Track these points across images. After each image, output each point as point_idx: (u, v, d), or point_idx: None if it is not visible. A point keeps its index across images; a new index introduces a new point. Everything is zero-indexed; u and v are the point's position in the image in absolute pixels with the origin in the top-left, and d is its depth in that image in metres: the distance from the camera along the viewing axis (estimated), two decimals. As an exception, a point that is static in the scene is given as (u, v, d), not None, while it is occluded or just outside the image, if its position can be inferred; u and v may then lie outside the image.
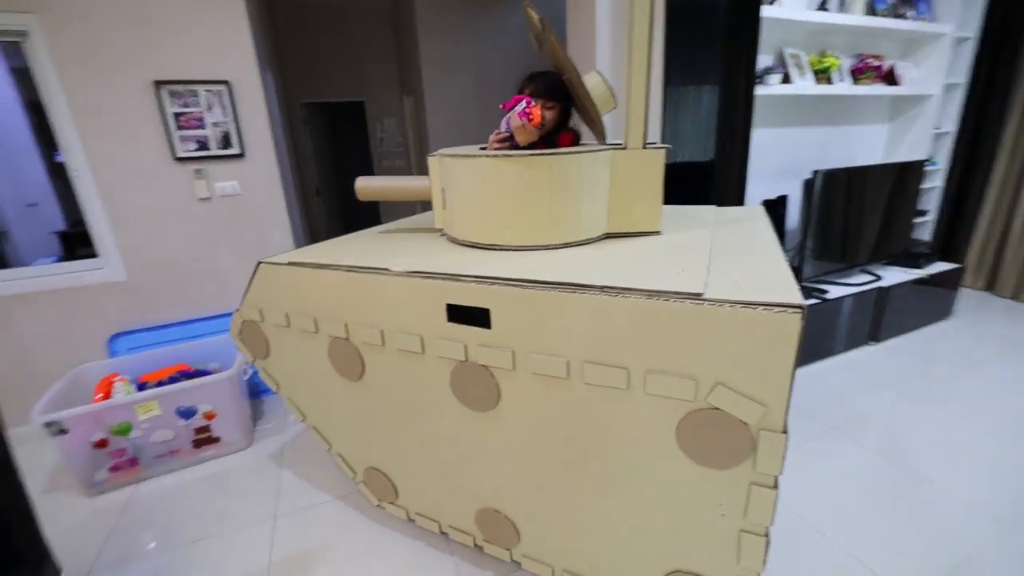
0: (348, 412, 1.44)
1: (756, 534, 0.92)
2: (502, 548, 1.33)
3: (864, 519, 1.51)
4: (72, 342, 2.17)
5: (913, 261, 2.82)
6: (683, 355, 0.87)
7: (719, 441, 0.88)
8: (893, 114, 3.03)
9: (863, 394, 2.20)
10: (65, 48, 1.90)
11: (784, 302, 0.79)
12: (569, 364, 0.98)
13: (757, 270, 0.98)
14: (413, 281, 1.12)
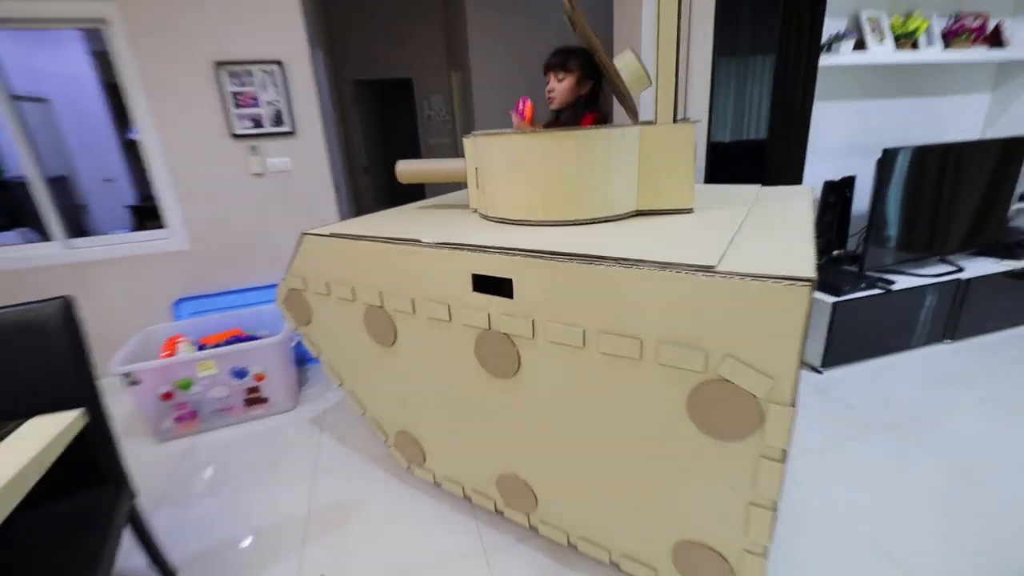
0: (381, 377, 1.51)
1: (764, 507, 0.90)
2: (521, 513, 1.36)
3: (904, 517, 1.40)
4: (142, 305, 2.39)
5: (1008, 252, 2.51)
6: (695, 326, 0.85)
7: (728, 413, 0.86)
8: (998, 82, 2.67)
9: (925, 394, 2.02)
10: (139, 32, 2.05)
11: (793, 275, 0.75)
12: (585, 333, 0.97)
13: (777, 246, 0.93)
14: (442, 252, 1.14)
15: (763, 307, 0.78)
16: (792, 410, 0.81)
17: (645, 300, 0.88)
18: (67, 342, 1.16)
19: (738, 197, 1.43)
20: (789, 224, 1.10)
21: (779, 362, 0.80)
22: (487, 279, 1.08)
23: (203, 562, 1.45)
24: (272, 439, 2.02)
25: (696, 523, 1.02)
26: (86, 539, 1.03)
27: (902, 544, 1.33)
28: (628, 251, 0.92)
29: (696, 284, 0.82)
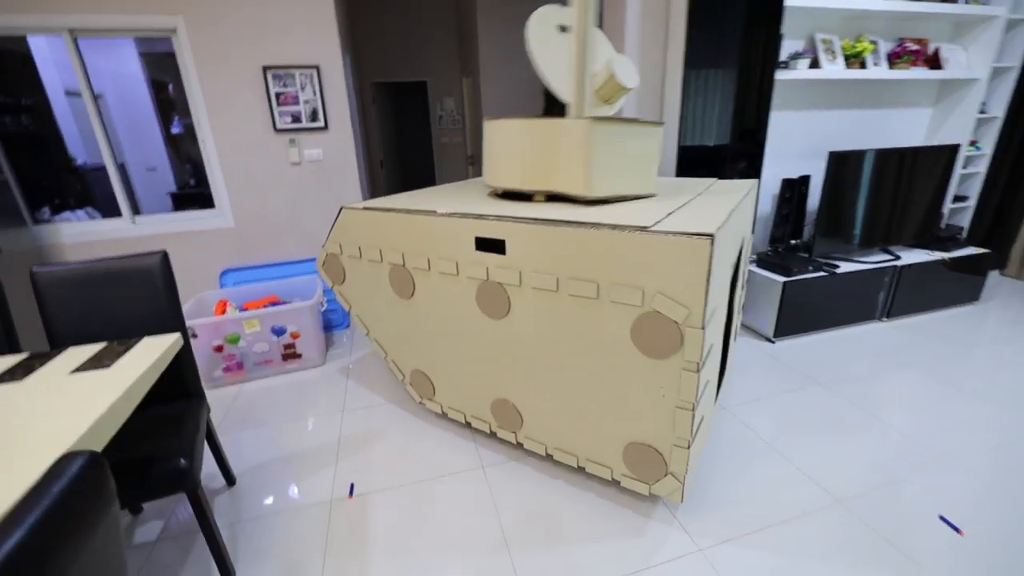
0: (401, 325, 1.88)
1: (685, 409, 1.25)
2: (510, 432, 1.73)
3: (821, 446, 1.76)
4: (194, 274, 2.78)
5: (941, 244, 2.87)
6: (635, 271, 1.21)
7: (659, 336, 1.22)
8: (939, 97, 3.03)
9: (856, 360, 2.37)
10: (201, 41, 2.43)
11: (699, 231, 1.10)
12: (558, 280, 1.34)
13: (699, 216, 1.29)
14: (452, 220, 1.51)
15: (680, 255, 1.14)
16: (702, 332, 1.16)
17: (601, 253, 1.25)
18: (164, 284, 1.54)
19: (694, 187, 1.80)
20: (718, 204, 1.47)
21: (692, 296, 1.15)
22: (486, 240, 1.45)
23: (257, 472, 1.82)
24: (306, 387, 2.39)
25: (639, 427, 1.38)
26: (181, 434, 1.39)
27: (819, 468, 1.68)
28: (590, 217, 1.29)
29: (635, 239, 1.19)
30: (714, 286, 1.19)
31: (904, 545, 1.37)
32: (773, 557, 1.35)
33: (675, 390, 1.25)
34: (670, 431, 1.31)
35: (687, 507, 1.53)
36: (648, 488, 1.43)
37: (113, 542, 0.53)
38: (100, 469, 0.51)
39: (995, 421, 1.88)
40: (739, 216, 1.62)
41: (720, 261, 1.26)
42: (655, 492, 1.42)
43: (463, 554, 1.41)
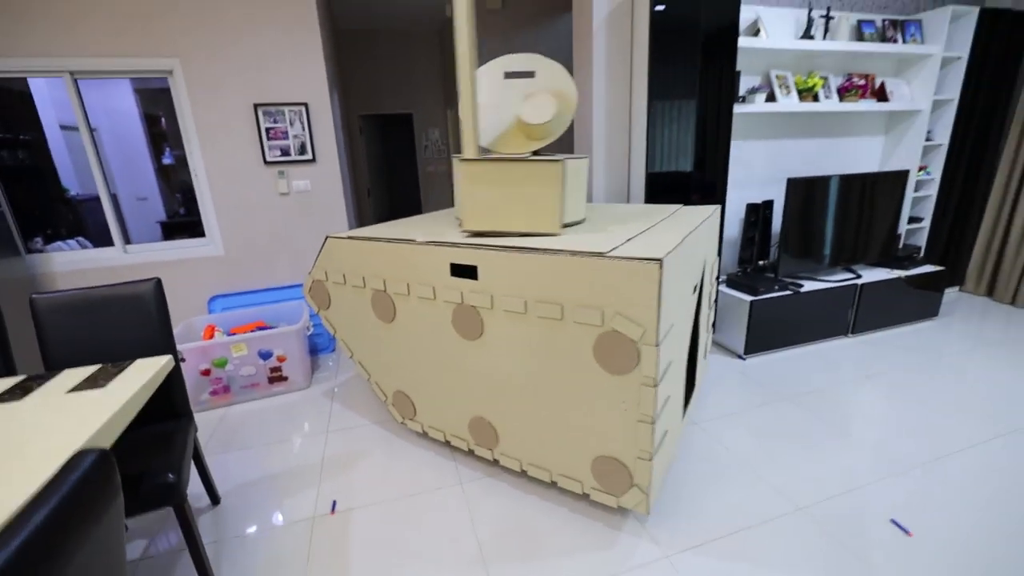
0: (383, 348, 1.97)
1: (646, 422, 1.35)
2: (486, 449, 1.80)
3: (786, 458, 1.86)
4: (183, 300, 2.85)
5: (899, 263, 3.04)
6: (594, 294, 1.32)
7: (619, 354, 1.32)
8: (889, 127, 3.27)
9: (822, 374, 2.50)
10: (196, 80, 2.58)
11: (649, 256, 1.22)
12: (526, 303, 1.45)
13: (656, 240, 1.41)
14: (429, 248, 1.62)
15: (633, 278, 1.25)
16: (656, 349, 1.27)
17: (564, 277, 1.36)
18: (157, 309, 1.62)
19: (660, 212, 1.94)
20: (676, 229, 1.60)
21: (646, 315, 1.26)
22: (460, 266, 1.56)
23: (241, 491, 1.86)
24: (291, 409, 2.45)
25: (605, 441, 1.46)
26: (170, 451, 1.46)
27: (784, 479, 1.78)
28: (553, 244, 1.41)
29: (593, 264, 1.30)
30: (669, 306, 1.31)
31: (857, 548, 1.46)
32: (734, 563, 1.43)
33: (636, 404, 1.35)
34: (634, 444, 1.40)
35: (657, 518, 1.61)
36: (616, 501, 1.51)
37: (116, 530, 0.61)
38: (109, 463, 0.59)
39: (949, 430, 2.00)
40: (700, 240, 1.76)
41: (676, 282, 1.38)
42: (622, 504, 1.50)
43: (440, 568, 1.46)
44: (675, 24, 2.36)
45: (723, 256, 3.07)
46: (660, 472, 1.53)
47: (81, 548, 0.55)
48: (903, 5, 3.10)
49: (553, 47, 4.64)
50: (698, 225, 1.72)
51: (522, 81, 1.76)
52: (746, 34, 2.70)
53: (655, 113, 2.48)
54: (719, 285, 2.85)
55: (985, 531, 1.49)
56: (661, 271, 1.20)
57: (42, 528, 0.50)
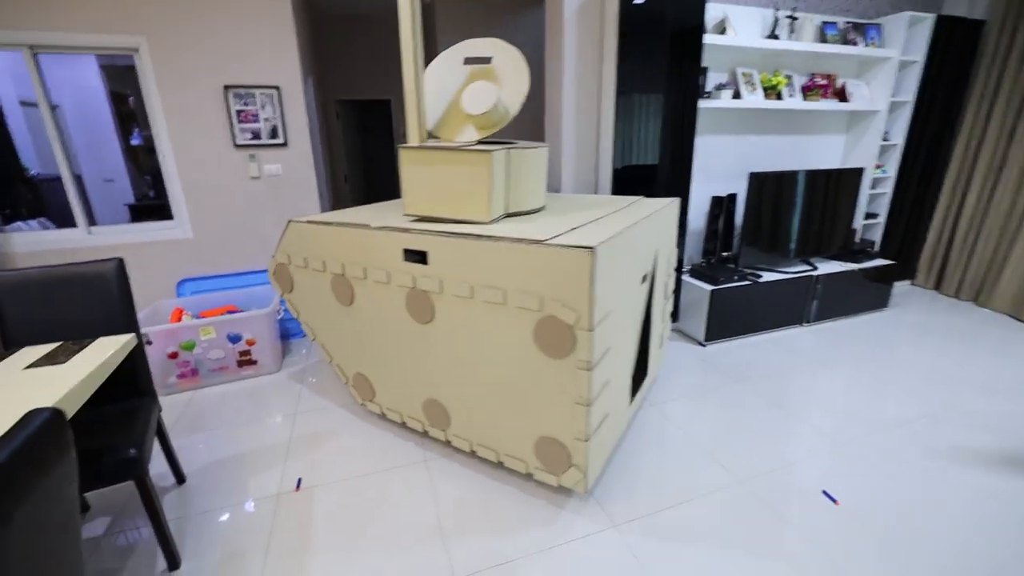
0: (343, 330, 2.01)
1: (582, 405, 1.41)
2: (439, 430, 1.86)
3: (734, 436, 1.97)
4: (150, 284, 2.82)
5: (854, 257, 3.19)
6: (533, 280, 1.37)
7: (556, 338, 1.38)
8: (850, 126, 3.40)
9: (776, 360, 2.63)
10: (164, 60, 2.54)
11: (583, 245, 1.27)
12: (472, 288, 1.50)
13: (595, 230, 1.46)
14: (383, 233, 1.66)
15: (567, 265, 1.30)
16: (590, 334, 1.31)
17: (505, 263, 1.41)
18: (119, 289, 1.63)
19: (616, 203, 2.00)
20: (623, 220, 1.66)
21: (580, 301, 1.31)
22: (412, 251, 1.61)
23: (207, 471, 1.89)
24: (260, 392, 2.47)
25: (546, 422, 1.52)
26: (132, 427, 1.48)
27: (730, 456, 1.89)
28: (497, 232, 1.46)
29: (532, 251, 1.35)
30: (606, 293, 1.37)
31: (789, 516, 1.57)
32: (676, 531, 1.53)
33: (573, 388, 1.41)
34: (572, 426, 1.46)
35: (607, 493, 1.70)
36: (557, 480, 1.58)
37: (68, 485, 0.65)
38: (60, 421, 0.63)
39: (887, 411, 2.14)
40: (651, 231, 1.83)
41: (616, 270, 1.44)
42: (562, 483, 1.57)
43: (398, 541, 1.53)
44: (643, 20, 2.42)
45: (688, 247, 3.17)
46: (602, 452, 1.61)
47: (28, 497, 0.59)
48: (864, 9, 3.21)
49: (533, 36, 4.66)
50: (647, 216, 1.77)
51: (469, 68, 1.80)
52: (713, 32, 2.77)
53: (623, 106, 2.54)
54: (682, 275, 2.95)
55: (905, 499, 1.62)
56: (593, 259, 1.25)
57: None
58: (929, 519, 1.55)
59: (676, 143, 2.67)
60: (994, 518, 1.55)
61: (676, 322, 3.02)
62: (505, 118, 1.71)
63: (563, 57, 2.61)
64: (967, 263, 3.44)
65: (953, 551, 1.43)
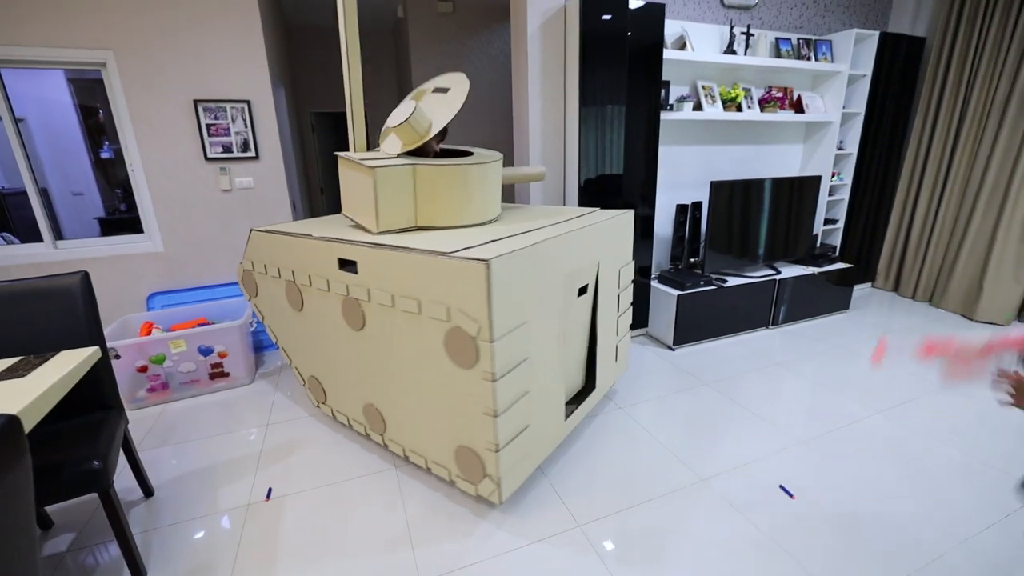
0: (297, 334, 2.06)
1: (489, 415, 1.42)
2: (378, 434, 1.90)
3: (697, 436, 2.05)
4: (119, 298, 2.79)
5: (815, 261, 3.33)
6: (441, 291, 1.40)
7: (462, 348, 1.40)
8: (807, 136, 3.56)
9: (742, 362, 2.72)
10: (131, 74, 2.54)
11: (480, 258, 1.29)
12: (393, 297, 1.53)
13: (507, 244, 1.46)
14: (321, 243, 1.71)
15: (467, 277, 1.32)
16: (492, 345, 1.32)
17: (419, 274, 1.43)
18: (84, 302, 1.63)
19: (567, 214, 2.03)
20: (550, 232, 1.66)
21: (480, 313, 1.32)
22: (345, 261, 1.66)
23: (177, 483, 1.88)
24: (232, 404, 2.46)
25: (462, 431, 1.53)
26: (97, 440, 1.47)
27: (692, 454, 1.96)
28: (413, 243, 1.48)
29: (437, 263, 1.37)
30: (514, 304, 1.39)
31: (747, 510, 1.64)
32: (639, 528, 1.58)
33: (480, 398, 1.42)
34: (483, 436, 1.47)
35: (570, 492, 1.75)
36: (475, 489, 1.59)
37: (23, 488, 0.68)
38: (16, 426, 0.66)
39: (840, 408, 2.24)
40: (592, 242, 1.84)
41: (527, 282, 1.46)
42: (480, 492, 1.58)
43: (366, 548, 1.55)
44: (605, 36, 2.52)
45: (656, 254, 3.27)
46: (525, 464, 1.62)
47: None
48: (816, 26, 3.39)
49: (503, 50, 4.77)
50: (582, 227, 1.75)
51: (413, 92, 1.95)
52: (673, 47, 2.90)
53: (587, 119, 2.64)
54: (651, 281, 3.04)
55: (856, 491, 1.71)
56: (488, 271, 1.27)
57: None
58: (887, 513, 1.63)
59: (641, 154, 2.78)
60: (950, 510, 1.64)
61: (646, 327, 3.11)
62: (428, 131, 1.76)
63: (528, 72, 2.70)
64: (921, 266, 3.62)
65: (910, 543, 1.51)
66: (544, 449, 1.76)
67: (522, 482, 1.67)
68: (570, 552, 1.49)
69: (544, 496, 1.73)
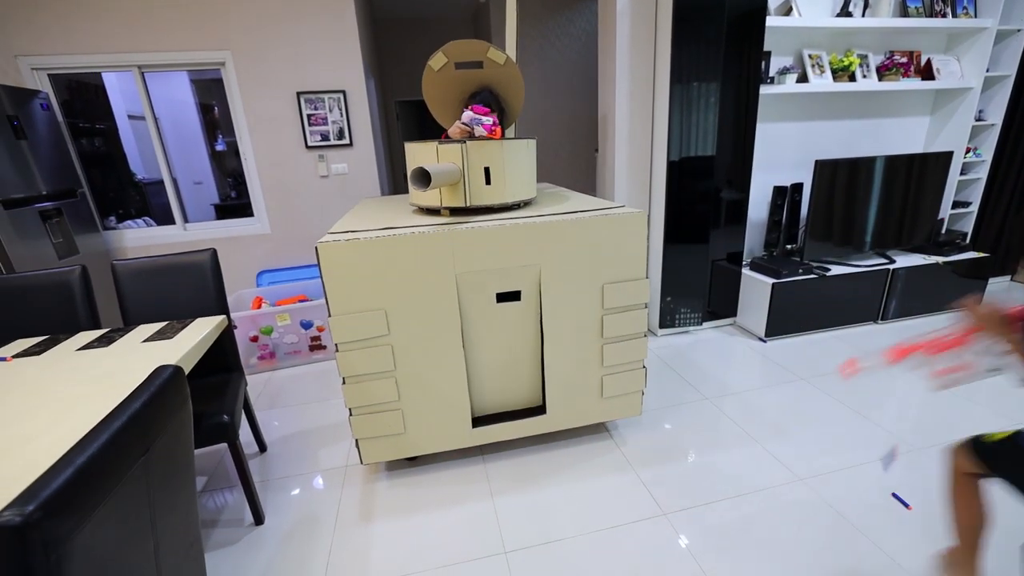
0: None
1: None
2: None
3: (794, 434, 1.90)
4: (235, 274, 3.13)
5: (939, 249, 2.93)
6: None
7: None
8: (936, 106, 3.11)
9: (843, 357, 2.48)
10: (245, 71, 2.80)
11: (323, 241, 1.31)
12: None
13: (367, 232, 1.45)
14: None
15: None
16: (329, 319, 1.32)
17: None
18: (213, 276, 1.83)
19: (594, 205, 1.79)
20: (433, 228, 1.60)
21: None
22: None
23: (285, 442, 2.09)
24: (329, 375, 2.67)
25: None
26: (224, 397, 1.66)
27: (789, 449, 1.83)
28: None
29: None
30: (362, 290, 1.51)
31: (859, 521, 1.50)
32: (727, 526, 1.51)
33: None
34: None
35: (659, 482, 1.70)
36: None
37: (185, 429, 0.78)
38: (181, 375, 0.76)
39: (961, 414, 1.97)
40: (525, 244, 1.59)
41: (383, 272, 1.51)
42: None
43: (453, 499, 1.63)
44: (700, 5, 2.35)
45: (748, 240, 3.05)
46: (400, 443, 1.73)
47: (160, 434, 0.71)
48: (955, -24, 2.92)
49: (586, 29, 4.64)
50: (493, 226, 1.55)
51: None
52: (777, 13, 2.64)
53: (678, 96, 2.49)
54: (742, 269, 2.84)
55: (989, 509, 1.50)
56: (318, 255, 1.45)
57: (137, 413, 0.66)
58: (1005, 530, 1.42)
59: (735, 132, 2.59)
60: (1099, 533, 1.40)
61: (734, 317, 2.93)
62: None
63: (616, 46, 2.60)
64: (1080, 256, 3.05)
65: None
66: (436, 444, 1.77)
67: (394, 458, 1.76)
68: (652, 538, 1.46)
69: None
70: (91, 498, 0.55)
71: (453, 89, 2.09)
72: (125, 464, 0.62)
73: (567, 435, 1.97)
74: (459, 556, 1.44)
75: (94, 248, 2.84)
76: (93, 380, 1.16)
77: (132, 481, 0.63)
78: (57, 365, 1.29)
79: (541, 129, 4.77)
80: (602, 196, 3.05)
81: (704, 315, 2.89)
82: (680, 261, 2.74)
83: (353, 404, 1.62)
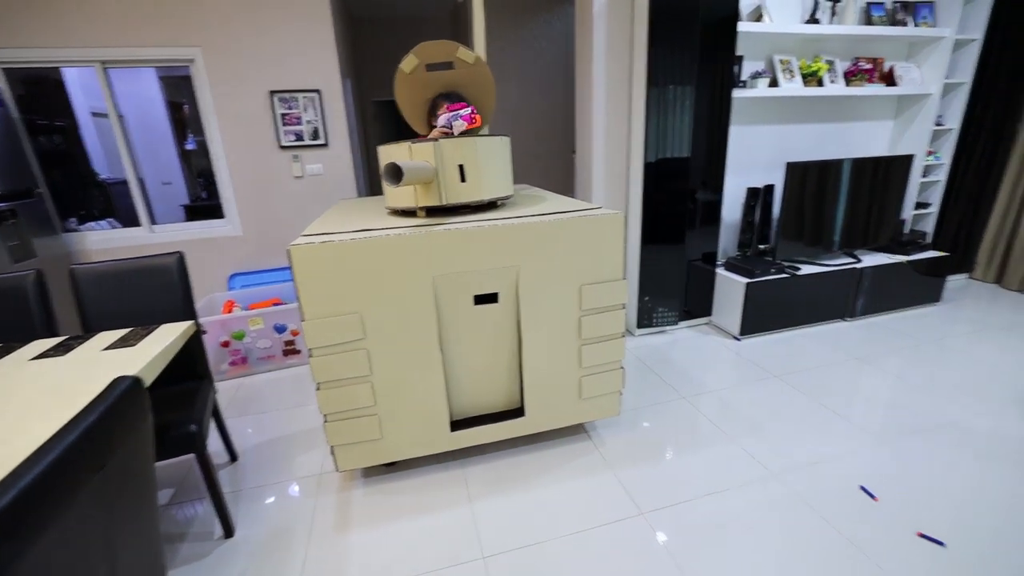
0: None
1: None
2: None
3: (767, 430, 1.94)
4: (205, 277, 3.03)
5: (903, 248, 3.04)
6: None
7: None
8: (899, 111, 3.23)
9: (814, 356, 2.55)
10: (216, 69, 2.72)
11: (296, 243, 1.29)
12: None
13: (342, 235, 1.49)
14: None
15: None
16: (303, 324, 1.33)
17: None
18: (180, 280, 1.77)
19: (569, 206, 1.80)
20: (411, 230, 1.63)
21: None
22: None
23: (257, 451, 2.03)
24: (303, 380, 2.62)
25: None
26: (192, 406, 1.61)
27: (763, 446, 1.87)
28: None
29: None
30: (336, 292, 1.48)
31: (828, 513, 1.54)
32: (705, 522, 1.53)
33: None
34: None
35: (635, 480, 1.72)
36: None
37: (145, 444, 0.75)
38: (140, 386, 0.72)
39: (926, 407, 2.05)
40: (503, 245, 1.58)
41: (367, 273, 1.49)
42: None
43: (432, 509, 1.61)
44: (675, 9, 2.39)
45: (722, 240, 3.11)
46: (378, 448, 1.70)
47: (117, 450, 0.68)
48: (915, -14, 3.04)
49: (564, 31, 4.66)
50: (472, 228, 1.54)
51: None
52: (749, 19, 2.70)
53: (654, 99, 2.52)
54: (716, 268, 2.90)
55: (952, 500, 1.56)
56: (290, 257, 1.43)
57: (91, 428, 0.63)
58: (975, 520, 1.48)
59: (709, 134, 2.63)
60: (1050, 520, 1.47)
61: (709, 316, 2.98)
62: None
63: (592, 49, 2.62)
64: (1032, 255, 3.21)
65: (1000, 554, 1.37)
66: (414, 449, 1.74)
67: (371, 464, 1.73)
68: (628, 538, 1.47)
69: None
70: (37, 521, 0.52)
71: (425, 92, 2.07)
72: (77, 483, 0.59)
73: (546, 437, 1.97)
74: (437, 563, 1.42)
75: (53, 251, 2.71)
76: (47, 392, 1.11)
77: (85, 501, 0.60)
78: (9, 376, 1.22)
79: (518, 131, 4.78)
80: (580, 197, 3.07)
81: (680, 314, 2.94)
82: (657, 261, 2.78)
83: (328, 410, 1.59)
